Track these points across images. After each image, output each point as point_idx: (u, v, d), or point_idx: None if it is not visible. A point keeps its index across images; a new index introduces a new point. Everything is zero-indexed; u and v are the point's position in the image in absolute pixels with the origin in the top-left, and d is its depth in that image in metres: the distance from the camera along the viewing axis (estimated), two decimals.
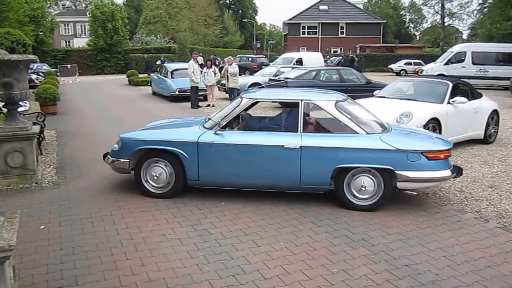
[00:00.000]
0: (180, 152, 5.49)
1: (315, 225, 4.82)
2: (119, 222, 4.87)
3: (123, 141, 5.84)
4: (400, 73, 36.84)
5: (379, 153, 5.13)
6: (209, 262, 3.95)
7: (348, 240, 4.45)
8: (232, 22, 72.76)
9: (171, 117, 13.09)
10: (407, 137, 5.63)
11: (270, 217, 5.05)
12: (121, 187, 6.18)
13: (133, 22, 56.70)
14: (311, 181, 5.33)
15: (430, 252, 4.20)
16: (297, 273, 3.77)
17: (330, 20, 59.04)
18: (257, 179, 5.47)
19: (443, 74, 22.41)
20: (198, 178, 5.56)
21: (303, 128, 5.39)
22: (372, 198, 5.26)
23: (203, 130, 5.64)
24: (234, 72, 15.38)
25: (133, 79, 26.31)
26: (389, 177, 5.18)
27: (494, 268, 3.92)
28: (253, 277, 3.70)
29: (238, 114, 5.74)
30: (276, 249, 4.23)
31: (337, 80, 14.99)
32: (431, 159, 5.14)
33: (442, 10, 53.08)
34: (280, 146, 5.28)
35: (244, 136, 5.53)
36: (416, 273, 3.80)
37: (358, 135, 5.28)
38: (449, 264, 3.97)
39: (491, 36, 32.31)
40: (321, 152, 5.21)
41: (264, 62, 33.27)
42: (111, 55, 39.76)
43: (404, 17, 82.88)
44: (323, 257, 4.07)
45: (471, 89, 9.65)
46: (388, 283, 3.63)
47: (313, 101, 5.62)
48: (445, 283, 3.64)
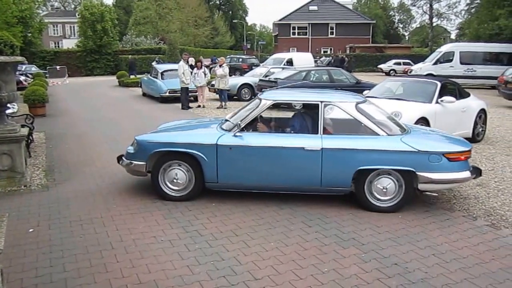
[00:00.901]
0: (199, 154, 5.42)
1: (305, 225, 4.84)
2: (109, 225, 4.85)
3: (140, 143, 5.76)
4: (389, 73, 37.09)
5: (401, 154, 5.12)
6: (200, 264, 3.95)
7: (338, 240, 4.47)
8: (222, 23, 72.73)
9: (162, 118, 13.07)
10: (428, 139, 5.63)
11: (261, 217, 5.06)
12: (111, 189, 6.15)
13: (123, 23, 56.46)
14: (332, 183, 5.30)
15: (419, 250, 4.24)
16: (288, 273, 3.78)
17: (320, 21, 59.31)
18: (277, 181, 5.42)
19: (431, 73, 22.60)
20: (217, 180, 5.49)
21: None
22: (393, 200, 5.25)
23: (222, 132, 5.57)
24: (223, 74, 15.36)
25: (123, 80, 26.19)
26: (410, 179, 5.17)
27: (482, 265, 3.96)
28: (244, 277, 3.70)
29: (257, 116, 5.68)
30: (267, 249, 4.24)
31: (327, 80, 15.04)
32: (452, 161, 5.14)
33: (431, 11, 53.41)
34: (300, 148, 5.24)
35: (264, 138, 5.47)
36: (406, 272, 3.83)
37: (379, 137, 5.26)
38: (438, 262, 4.00)
39: (478, 36, 32.58)
40: (343, 154, 5.18)
41: (255, 63, 33.25)
42: (100, 56, 39.54)
43: (393, 18, 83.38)
44: (313, 257, 4.09)
45: (459, 89, 9.75)
46: (378, 282, 3.65)
47: (333, 102, 5.53)
48: (434, 281, 3.68)
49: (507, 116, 13.83)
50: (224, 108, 15.14)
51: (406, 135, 5.38)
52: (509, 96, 16.49)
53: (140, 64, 37.64)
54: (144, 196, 5.81)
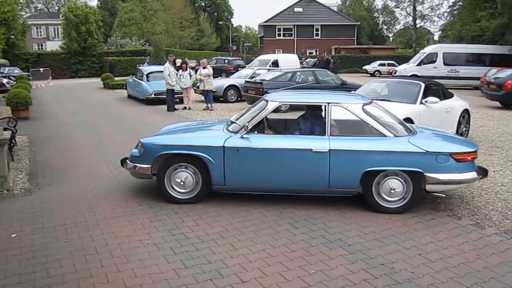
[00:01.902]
0: (206, 156, 5.36)
1: (292, 227, 4.83)
2: (94, 229, 4.79)
3: (145, 146, 5.68)
4: (374, 74, 37.44)
5: (409, 155, 5.12)
6: (186, 267, 3.92)
7: (325, 241, 4.47)
8: (207, 25, 72.57)
9: (148, 120, 13.00)
10: (435, 139, 5.66)
11: (248, 219, 5.04)
12: (96, 192, 6.08)
13: (108, 25, 55.93)
14: (340, 185, 5.29)
15: (405, 251, 4.26)
16: (275, 275, 3.77)
17: (305, 22, 59.53)
18: (285, 183, 5.38)
19: (416, 74, 22.82)
20: (224, 183, 5.45)
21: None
22: (400, 201, 5.26)
23: (229, 134, 5.53)
24: (208, 73, 15.30)
25: (108, 82, 25.95)
26: (418, 180, 5.18)
27: (467, 264, 3.99)
28: (231, 280, 3.68)
29: (264, 117, 5.64)
30: (253, 251, 4.23)
31: (313, 82, 15.06)
32: (460, 161, 5.16)
33: (414, 12, 54.05)
34: (308, 150, 5.22)
35: (271, 140, 5.46)
36: (392, 272, 3.84)
37: (387, 138, 5.27)
38: (424, 262, 4.03)
39: (461, 38, 33.06)
40: (351, 155, 5.17)
41: (240, 64, 33.19)
42: (85, 58, 39.11)
43: (377, 19, 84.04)
44: (300, 259, 4.08)
45: (443, 89, 9.86)
46: (365, 283, 3.66)
47: (340, 104, 5.50)
48: (420, 281, 3.70)
49: (490, 116, 14.03)
50: (210, 109, 15.09)
51: (413, 136, 5.39)
52: (491, 96, 16.74)
53: (125, 66, 37.41)
54: (129, 199, 5.76)
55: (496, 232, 4.73)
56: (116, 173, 7.06)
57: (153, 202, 5.60)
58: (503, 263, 4.02)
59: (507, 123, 12.61)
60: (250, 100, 15.32)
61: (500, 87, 16.06)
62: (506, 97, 16.03)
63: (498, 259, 4.09)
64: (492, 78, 17.39)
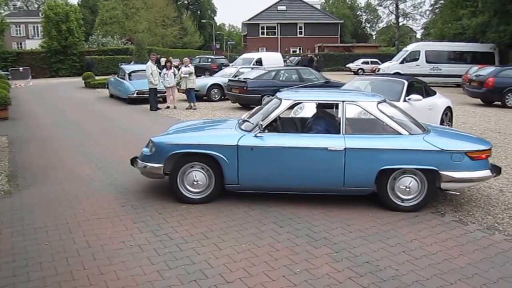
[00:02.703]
0: (219, 155, 5.29)
1: (277, 226, 4.81)
2: (76, 231, 4.70)
3: (157, 145, 5.58)
4: (358, 72, 37.61)
5: (424, 154, 5.11)
6: (170, 268, 3.86)
7: (310, 240, 4.46)
8: (190, 23, 72.17)
9: (130, 120, 12.86)
10: (449, 137, 5.64)
11: (232, 219, 5.00)
12: (78, 193, 5.97)
13: (89, 23, 55.24)
14: (355, 183, 5.26)
15: (390, 248, 4.27)
16: (260, 275, 3.74)
17: (289, 21, 59.62)
18: (299, 182, 5.34)
19: (398, 72, 23.08)
20: (237, 182, 5.39)
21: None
22: (415, 199, 5.25)
23: (242, 132, 5.46)
24: (189, 71, 15.18)
25: (90, 81, 25.63)
26: (432, 178, 5.18)
27: (451, 261, 4.02)
28: (215, 281, 3.64)
29: (278, 116, 5.58)
30: (238, 251, 4.19)
31: (297, 80, 15.10)
32: (474, 159, 5.16)
33: (397, 11, 54.52)
34: (324, 148, 5.17)
35: (285, 139, 5.38)
36: (377, 270, 3.85)
37: (402, 136, 5.24)
38: (408, 259, 4.04)
39: (443, 36, 33.47)
40: (366, 153, 5.14)
41: (224, 63, 33.09)
42: (66, 57, 38.50)
43: (360, 17, 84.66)
44: (285, 258, 4.06)
45: (426, 87, 9.96)
46: (350, 281, 3.66)
47: (355, 102, 5.49)
48: (405, 278, 3.71)
49: (472, 113, 14.22)
50: (193, 108, 14.98)
51: (428, 134, 5.38)
52: (473, 93, 16.98)
53: (107, 65, 36.96)
54: (112, 200, 5.67)
55: (479, 228, 4.78)
56: (99, 173, 6.96)
57: (136, 203, 5.52)
58: (486, 259, 4.06)
59: (489, 120, 12.80)
60: (234, 99, 15.31)
61: (482, 85, 16.30)
62: (487, 94, 16.28)
63: (481, 255, 4.13)
64: (474, 76, 17.64)
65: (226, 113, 14.12)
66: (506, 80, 16.02)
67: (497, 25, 25.41)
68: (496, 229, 4.78)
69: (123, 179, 6.62)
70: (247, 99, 14.51)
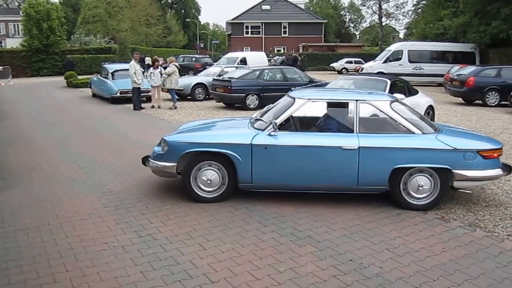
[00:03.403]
0: (233, 154, 5.28)
1: (261, 225, 4.81)
2: (58, 232, 4.63)
3: (170, 144, 5.54)
4: (341, 72, 37.86)
5: (437, 152, 5.15)
6: (154, 269, 3.83)
7: (294, 238, 4.47)
8: (174, 22, 71.71)
9: (114, 119, 12.73)
10: (462, 137, 5.67)
11: (216, 218, 4.99)
12: (60, 194, 5.89)
13: (71, 22, 54.47)
14: (369, 182, 5.28)
15: (373, 246, 4.31)
16: (245, 274, 3.74)
17: (273, 20, 59.72)
18: (313, 181, 5.35)
19: (382, 72, 23.28)
20: (251, 181, 5.38)
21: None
22: (428, 198, 5.28)
23: (255, 131, 5.45)
24: (169, 72, 15.07)
25: (72, 80, 25.28)
26: (445, 177, 5.21)
27: (433, 257, 4.07)
28: (200, 281, 3.63)
29: (291, 114, 5.55)
30: (223, 251, 4.18)
31: (281, 79, 15.13)
32: (486, 158, 5.21)
33: (380, 11, 55.09)
34: (338, 147, 5.18)
35: (299, 137, 5.38)
36: (361, 267, 3.87)
37: (415, 135, 5.28)
38: (392, 257, 4.08)
39: (425, 36, 33.90)
40: (380, 152, 5.16)
41: (208, 62, 32.98)
42: (47, 56, 37.89)
43: (344, 17, 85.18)
44: (270, 257, 4.06)
45: (408, 86, 10.08)
46: (334, 279, 3.68)
47: (368, 101, 5.51)
48: (388, 275, 3.74)
49: (453, 112, 14.42)
50: (174, 108, 14.86)
51: (440, 134, 5.42)
52: (454, 93, 17.22)
53: (90, 64, 36.54)
54: (95, 201, 5.61)
55: (461, 225, 4.85)
56: (81, 173, 6.88)
57: (119, 204, 5.47)
58: (468, 255, 4.12)
59: (470, 119, 12.99)
60: (218, 98, 15.26)
61: (463, 84, 16.54)
62: (468, 93, 16.53)
63: (462, 252, 4.19)
64: (455, 75, 17.90)
65: (210, 112, 14.07)
66: (486, 79, 16.30)
67: (477, 26, 25.81)
68: (477, 225, 4.85)
69: (106, 179, 6.55)
70: (231, 98, 14.49)
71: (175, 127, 11.23)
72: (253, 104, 14.35)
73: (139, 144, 9.14)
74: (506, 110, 14.87)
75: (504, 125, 11.97)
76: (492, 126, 11.49)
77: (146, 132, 10.69)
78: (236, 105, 14.72)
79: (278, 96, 13.88)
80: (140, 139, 9.65)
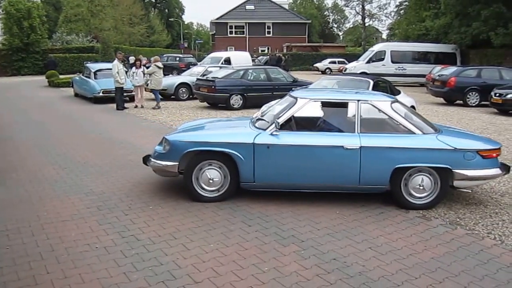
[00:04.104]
0: (235, 153, 5.29)
1: (245, 225, 4.81)
2: (39, 234, 4.56)
3: (172, 143, 5.51)
4: (325, 72, 38.08)
5: (438, 152, 5.21)
6: (137, 270, 3.81)
7: (278, 238, 4.48)
8: (158, 21, 71.22)
9: (96, 119, 12.59)
10: (461, 137, 5.73)
11: (200, 219, 4.97)
12: (41, 195, 5.80)
13: (52, 20, 53.70)
14: (371, 182, 5.32)
15: (356, 245, 4.34)
16: (229, 274, 3.74)
17: (257, 20, 59.71)
18: (315, 180, 5.37)
19: (365, 72, 23.47)
20: (253, 180, 5.38)
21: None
22: (428, 197, 5.33)
23: (257, 130, 5.46)
24: (149, 71, 14.95)
25: (54, 80, 24.94)
26: (445, 176, 5.26)
27: (415, 256, 4.12)
28: (183, 281, 3.61)
29: (293, 114, 5.55)
30: (206, 251, 4.17)
31: (265, 79, 15.14)
32: (485, 158, 5.27)
33: (363, 11, 55.40)
34: (340, 147, 5.21)
35: (302, 137, 5.39)
36: (344, 266, 3.90)
37: (416, 135, 5.33)
38: (374, 255, 4.12)
39: (407, 36, 34.29)
40: (381, 152, 5.20)
41: (192, 62, 32.82)
42: (28, 55, 37.28)
43: (328, 18, 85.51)
44: (254, 257, 4.07)
45: (390, 86, 10.20)
46: (318, 278, 3.69)
47: (369, 101, 5.54)
48: (371, 273, 3.78)
49: (435, 112, 14.61)
50: (157, 108, 14.75)
51: (440, 134, 5.48)
52: (436, 93, 17.46)
53: (72, 63, 36.10)
54: (77, 202, 5.54)
55: (442, 223, 4.92)
56: (63, 174, 6.79)
57: (101, 205, 5.41)
58: (449, 253, 4.18)
59: (451, 119, 13.18)
60: (202, 98, 15.21)
61: (444, 84, 16.78)
62: (450, 93, 16.77)
63: (444, 249, 4.25)
64: (437, 76, 18.15)
65: (194, 112, 14.02)
66: (467, 79, 16.55)
67: (458, 27, 26.23)
68: (458, 224, 4.93)
69: (88, 180, 6.48)
70: (215, 98, 14.46)
71: (158, 127, 11.19)
72: (237, 104, 14.34)
73: (122, 144, 9.06)
74: (486, 110, 15.14)
75: (484, 125, 12.18)
76: (473, 126, 11.67)
77: (129, 132, 10.61)
78: (220, 105, 14.69)
79: (262, 96, 13.97)
80: (123, 139, 9.57)
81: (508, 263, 4.01)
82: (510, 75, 16.55)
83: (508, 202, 5.71)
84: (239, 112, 13.76)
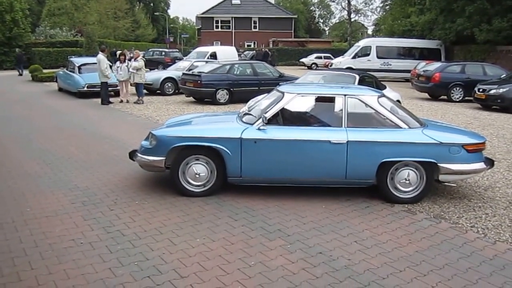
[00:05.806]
0: (222, 148, 5.26)
1: (231, 219, 4.81)
2: (22, 229, 4.50)
3: (158, 138, 5.46)
4: (311, 67, 38.16)
5: (424, 146, 5.24)
6: (123, 265, 3.78)
7: (264, 232, 4.49)
8: (143, 15, 70.54)
9: (80, 114, 12.44)
10: (447, 131, 5.77)
11: (186, 213, 4.96)
12: (24, 191, 5.72)
13: (35, 14, 52.88)
14: (357, 176, 5.34)
15: (342, 239, 4.37)
16: (215, 269, 3.73)
17: (243, 15, 59.51)
18: (302, 174, 5.37)
19: (351, 67, 23.58)
20: (240, 175, 5.37)
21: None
22: (414, 191, 5.36)
23: (244, 125, 5.44)
24: (137, 66, 14.83)
25: (37, 74, 24.58)
26: (431, 170, 5.30)
27: (400, 249, 4.16)
28: (169, 276, 3.60)
29: (280, 109, 5.53)
30: (193, 246, 4.16)
31: (251, 74, 15.11)
32: (470, 152, 5.32)
33: (349, 7, 55.62)
34: (327, 141, 5.21)
35: (289, 132, 5.37)
36: (330, 260, 3.92)
37: (402, 130, 5.35)
38: (360, 249, 4.15)
39: (393, 32, 34.55)
40: (368, 146, 5.22)
41: (178, 56, 32.64)
42: (10, 49, 36.63)
43: (314, 13, 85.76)
44: (240, 251, 4.07)
45: (376, 81, 10.26)
46: (304, 271, 3.71)
47: (356, 96, 5.54)
48: (357, 267, 3.81)
49: (420, 107, 14.74)
50: (140, 103, 14.63)
51: (426, 128, 5.51)
52: (421, 88, 17.64)
53: (56, 57, 35.62)
54: (61, 197, 5.47)
55: (426, 217, 4.97)
56: (47, 169, 6.71)
57: (86, 200, 5.36)
58: (433, 246, 4.23)
59: (435, 113, 13.32)
60: (188, 92, 15.14)
61: (429, 79, 16.96)
62: (434, 88, 16.96)
63: (428, 243, 4.30)
64: (422, 71, 18.33)
65: (180, 107, 13.94)
66: (451, 75, 16.75)
67: (443, 23, 26.48)
68: (442, 217, 4.99)
69: (72, 175, 6.41)
70: (201, 92, 14.40)
71: (144, 122, 11.11)
72: (223, 99, 14.30)
73: (107, 139, 8.98)
74: (470, 105, 15.34)
75: (468, 119, 12.34)
76: (457, 121, 11.81)
77: (114, 127, 10.51)
78: (206, 100, 14.63)
79: (248, 91, 13.94)
80: (108, 134, 9.48)
81: (491, 255, 4.07)
82: (493, 71, 16.81)
83: (491, 196, 5.80)
84: (226, 107, 13.73)
